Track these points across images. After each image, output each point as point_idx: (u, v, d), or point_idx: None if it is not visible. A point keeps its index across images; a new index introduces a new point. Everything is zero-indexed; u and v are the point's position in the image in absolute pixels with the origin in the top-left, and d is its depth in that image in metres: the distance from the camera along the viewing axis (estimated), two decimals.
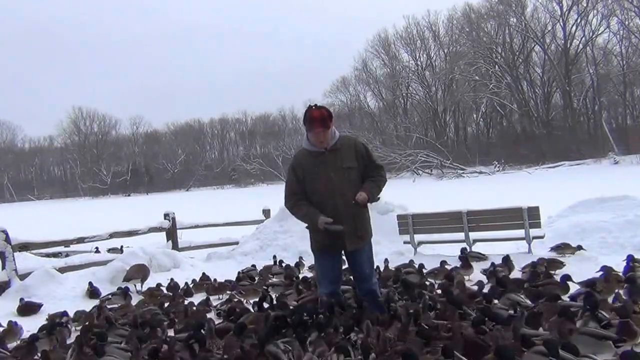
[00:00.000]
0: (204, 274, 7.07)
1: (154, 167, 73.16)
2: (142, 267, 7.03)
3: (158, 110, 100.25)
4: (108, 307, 5.65)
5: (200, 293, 6.34)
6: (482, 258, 6.89)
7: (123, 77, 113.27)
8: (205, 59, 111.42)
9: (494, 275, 5.47)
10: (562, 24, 46.02)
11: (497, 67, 50.01)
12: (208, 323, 4.14)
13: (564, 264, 6.03)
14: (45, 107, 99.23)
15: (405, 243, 8.00)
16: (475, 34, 49.90)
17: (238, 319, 4.40)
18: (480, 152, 48.83)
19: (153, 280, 6.89)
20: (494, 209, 7.94)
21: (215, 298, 6.04)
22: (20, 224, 15.74)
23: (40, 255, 9.22)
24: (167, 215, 9.75)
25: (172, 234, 9.73)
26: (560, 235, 7.55)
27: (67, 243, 8.80)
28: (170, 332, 4.55)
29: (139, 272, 6.89)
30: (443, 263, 6.31)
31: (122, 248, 10.37)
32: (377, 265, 5.34)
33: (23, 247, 7.44)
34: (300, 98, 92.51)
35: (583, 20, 45.13)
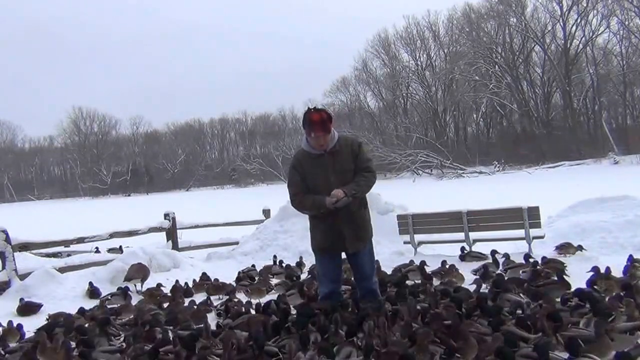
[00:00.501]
0: (204, 274, 7.06)
1: (154, 167, 73.17)
2: (142, 267, 7.02)
3: (158, 110, 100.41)
4: (108, 307, 5.64)
5: (201, 293, 6.34)
6: (482, 258, 6.89)
7: (123, 77, 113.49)
8: (205, 59, 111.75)
9: (487, 276, 5.47)
10: (562, 24, 46.09)
11: (497, 67, 50.03)
12: (205, 323, 4.12)
13: (565, 265, 6.01)
14: (45, 107, 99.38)
15: (406, 243, 7.99)
16: (475, 34, 49.91)
17: (235, 319, 4.40)
18: (480, 152, 48.86)
19: (153, 280, 6.87)
20: (494, 209, 7.94)
21: (216, 298, 6.04)
22: (20, 224, 15.71)
23: (40, 255, 9.21)
24: (167, 215, 9.74)
25: (172, 234, 9.72)
26: (560, 236, 7.55)
27: (67, 243, 8.79)
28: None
29: (139, 272, 6.88)
30: (444, 263, 6.31)
31: (121, 248, 10.37)
32: (377, 259, 5.22)
33: (23, 247, 7.43)
34: (300, 98, 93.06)
35: (583, 20, 45.21)
